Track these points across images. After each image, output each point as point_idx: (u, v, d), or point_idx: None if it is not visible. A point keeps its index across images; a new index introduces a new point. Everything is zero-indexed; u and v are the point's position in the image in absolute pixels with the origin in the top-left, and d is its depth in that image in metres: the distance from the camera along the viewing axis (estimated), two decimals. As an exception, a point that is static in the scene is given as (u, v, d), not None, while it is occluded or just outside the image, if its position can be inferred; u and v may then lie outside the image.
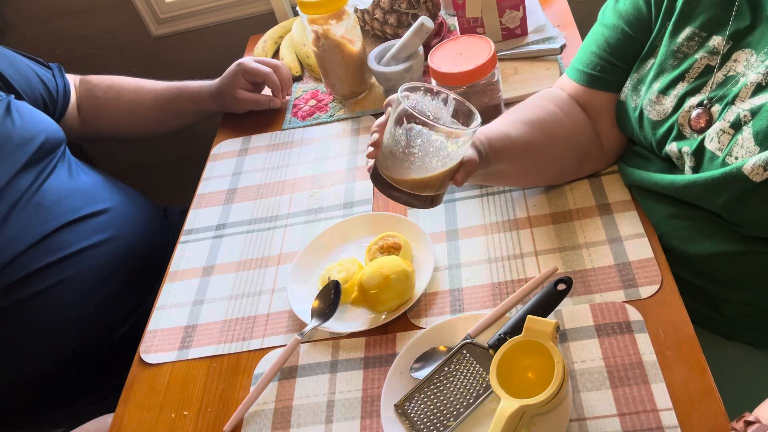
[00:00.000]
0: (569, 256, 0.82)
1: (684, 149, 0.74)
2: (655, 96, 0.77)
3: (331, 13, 1.07)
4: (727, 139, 0.69)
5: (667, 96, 0.76)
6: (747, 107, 0.67)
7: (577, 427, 0.66)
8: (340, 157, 1.09)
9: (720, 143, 0.69)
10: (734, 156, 0.68)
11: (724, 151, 0.69)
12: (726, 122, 0.69)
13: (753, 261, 0.72)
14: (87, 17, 1.59)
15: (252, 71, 1.17)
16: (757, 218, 0.68)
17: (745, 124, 0.67)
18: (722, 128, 0.69)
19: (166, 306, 0.93)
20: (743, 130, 0.67)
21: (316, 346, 0.82)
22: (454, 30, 1.23)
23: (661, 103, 0.76)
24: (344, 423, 0.73)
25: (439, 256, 0.87)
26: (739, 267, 0.74)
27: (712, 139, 0.70)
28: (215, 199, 1.09)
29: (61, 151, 1.10)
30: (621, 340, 0.72)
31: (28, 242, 0.98)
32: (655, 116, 0.77)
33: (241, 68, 1.17)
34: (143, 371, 0.86)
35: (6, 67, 1.10)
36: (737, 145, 0.67)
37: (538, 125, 0.82)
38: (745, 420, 0.56)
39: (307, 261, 0.91)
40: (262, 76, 1.17)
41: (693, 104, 0.73)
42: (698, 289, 0.78)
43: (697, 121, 0.72)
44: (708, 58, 0.73)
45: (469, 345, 0.74)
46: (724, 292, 0.77)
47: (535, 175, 0.87)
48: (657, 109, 0.77)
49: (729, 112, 0.69)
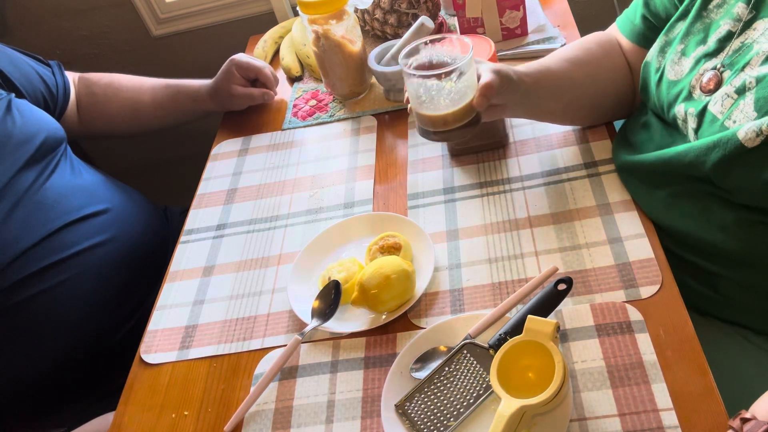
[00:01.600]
0: (569, 256, 0.82)
1: (690, 110, 0.75)
2: (678, 57, 0.79)
3: (331, 13, 1.07)
4: (730, 103, 0.70)
5: (687, 57, 0.78)
6: (754, 74, 0.69)
7: (578, 427, 0.66)
8: (340, 157, 1.09)
9: (723, 107, 0.71)
10: (733, 120, 0.69)
11: (724, 115, 0.71)
12: (732, 87, 0.70)
13: (745, 232, 0.73)
14: (87, 17, 1.59)
15: (244, 65, 1.18)
16: (744, 184, 0.70)
17: (748, 90, 0.69)
18: (727, 92, 0.71)
19: (167, 306, 0.93)
20: (746, 96, 0.69)
21: (317, 346, 0.82)
22: (454, 30, 1.23)
23: (681, 63, 0.78)
24: (344, 423, 0.73)
25: (440, 256, 0.87)
26: (732, 239, 0.74)
27: (716, 102, 0.72)
28: (215, 199, 1.09)
29: (62, 149, 1.10)
30: (621, 340, 0.72)
31: (29, 242, 0.98)
32: (672, 76, 0.79)
33: (234, 63, 1.18)
34: (143, 371, 0.86)
35: (6, 65, 1.10)
36: (737, 109, 0.69)
37: (579, 64, 0.89)
38: (741, 417, 0.56)
39: (307, 261, 0.91)
40: (254, 69, 1.18)
41: (708, 68, 0.75)
42: (693, 265, 0.79)
43: (707, 84, 0.74)
44: (730, 24, 0.74)
45: (469, 345, 0.74)
46: (717, 268, 0.77)
47: (573, 112, 0.93)
48: (676, 70, 0.79)
49: (737, 78, 0.70)
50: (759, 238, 0.73)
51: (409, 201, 0.97)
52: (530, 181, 0.93)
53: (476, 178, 0.96)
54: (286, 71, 1.30)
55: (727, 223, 0.74)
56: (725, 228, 0.74)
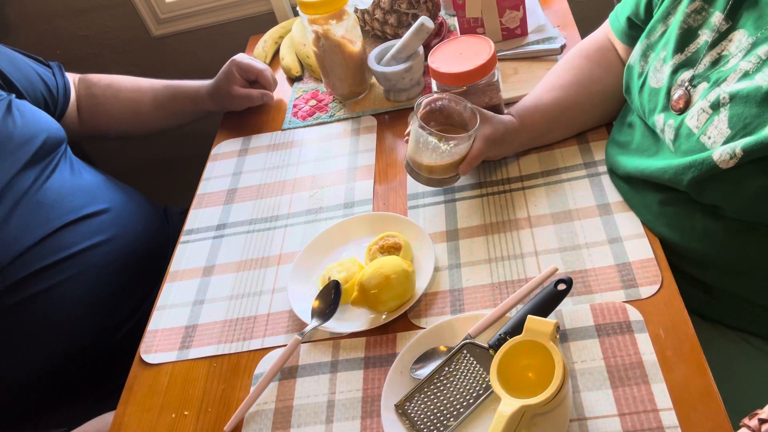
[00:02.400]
0: (569, 256, 0.82)
1: (669, 122, 0.76)
2: (660, 64, 0.79)
3: (332, 13, 1.07)
4: (705, 118, 0.70)
5: (666, 65, 0.78)
6: (728, 90, 0.68)
7: (578, 427, 0.66)
8: (340, 157, 1.09)
9: (698, 121, 0.71)
10: (707, 135, 0.69)
11: (700, 130, 0.71)
12: (707, 102, 0.70)
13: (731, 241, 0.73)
14: (87, 17, 1.59)
15: (245, 66, 1.18)
16: (721, 201, 0.70)
17: (722, 107, 0.69)
18: (702, 107, 0.71)
19: (167, 306, 0.93)
20: (720, 112, 0.69)
21: (317, 346, 0.82)
22: (454, 30, 1.23)
23: (662, 71, 0.78)
24: (345, 423, 0.73)
25: (440, 256, 0.87)
26: (720, 248, 0.74)
27: (692, 117, 0.72)
28: (215, 199, 1.09)
29: (63, 149, 1.10)
30: (621, 340, 0.72)
31: (29, 242, 0.98)
32: (654, 83, 0.80)
33: (235, 64, 1.18)
34: (143, 371, 0.86)
35: (7, 65, 1.10)
36: (712, 125, 0.69)
37: (571, 87, 0.93)
38: (759, 418, 0.56)
39: (307, 261, 0.91)
40: (255, 71, 1.18)
41: (685, 78, 0.75)
42: (688, 275, 0.79)
43: (677, 103, 0.75)
44: (707, 35, 0.74)
45: (469, 345, 0.74)
46: (709, 276, 0.78)
47: (576, 128, 0.96)
48: (657, 77, 0.79)
49: (712, 93, 0.70)
50: (746, 246, 0.73)
51: (409, 201, 0.97)
52: (530, 181, 0.93)
53: (476, 178, 0.96)
54: (286, 71, 1.30)
55: (713, 233, 0.74)
56: (711, 237, 0.74)
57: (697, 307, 0.81)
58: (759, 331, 0.80)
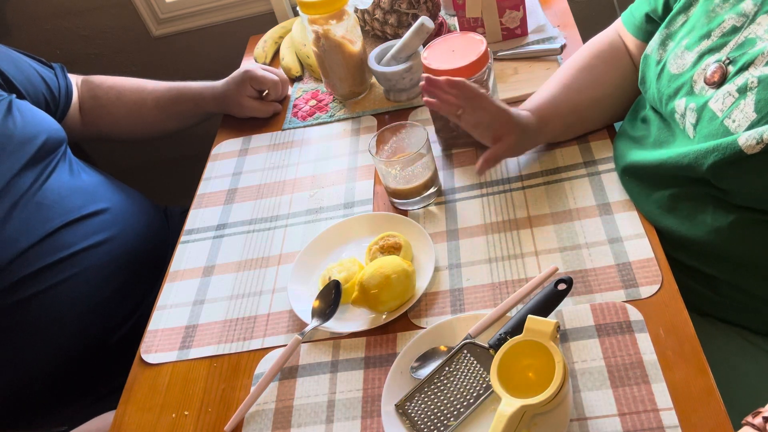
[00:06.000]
0: (569, 256, 0.82)
1: (691, 105, 0.75)
2: (681, 51, 0.79)
3: (332, 13, 1.07)
4: (731, 101, 0.70)
5: (690, 51, 0.78)
6: (757, 74, 0.68)
7: (578, 427, 0.66)
8: (340, 157, 1.09)
9: (723, 105, 0.71)
10: (732, 119, 0.69)
11: (724, 113, 0.70)
12: (734, 85, 0.70)
13: (741, 234, 0.73)
14: (87, 17, 1.59)
15: (260, 78, 1.18)
16: (741, 187, 0.70)
17: (750, 90, 0.69)
18: (729, 91, 0.71)
19: (167, 306, 0.94)
20: (747, 96, 0.69)
21: (317, 346, 0.82)
22: (454, 30, 1.23)
23: (684, 57, 0.78)
24: (345, 423, 0.73)
25: (440, 256, 0.87)
26: (728, 241, 0.74)
27: (718, 99, 0.72)
28: (215, 199, 1.09)
29: (62, 150, 1.10)
30: (621, 340, 0.72)
31: (29, 242, 0.98)
32: (674, 69, 0.79)
33: (249, 76, 1.17)
34: (144, 371, 0.86)
35: (8, 66, 1.10)
36: (737, 109, 0.69)
37: (588, 89, 0.92)
38: (764, 416, 0.56)
39: (307, 261, 0.91)
40: (268, 85, 1.18)
41: (710, 62, 0.75)
42: (691, 268, 0.79)
43: (712, 76, 0.74)
44: (735, 20, 0.74)
45: (469, 345, 0.74)
46: (715, 270, 0.78)
47: (587, 128, 0.96)
48: (678, 63, 0.79)
49: (740, 77, 0.70)
50: (755, 239, 0.73)
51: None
52: (530, 181, 0.93)
53: (476, 178, 0.96)
54: (286, 71, 1.30)
55: (723, 225, 0.74)
56: (721, 230, 0.74)
57: (698, 303, 0.81)
58: (760, 328, 0.80)
